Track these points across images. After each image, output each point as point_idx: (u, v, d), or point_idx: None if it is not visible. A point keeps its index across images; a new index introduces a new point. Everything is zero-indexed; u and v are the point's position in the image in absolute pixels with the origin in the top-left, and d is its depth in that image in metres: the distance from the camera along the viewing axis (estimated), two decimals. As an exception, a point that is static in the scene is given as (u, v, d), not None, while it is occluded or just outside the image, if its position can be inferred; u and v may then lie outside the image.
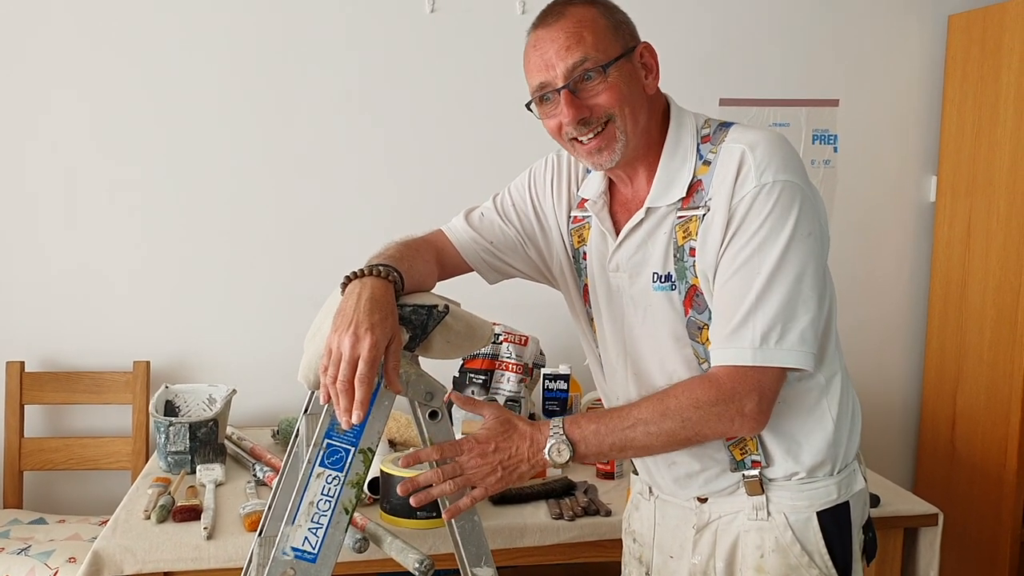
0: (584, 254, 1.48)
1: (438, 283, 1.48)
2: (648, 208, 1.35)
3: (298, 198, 2.71)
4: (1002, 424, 2.70)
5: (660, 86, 1.38)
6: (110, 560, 1.75)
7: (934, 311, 2.99)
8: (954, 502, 2.84)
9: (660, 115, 1.37)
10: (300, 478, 1.23)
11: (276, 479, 1.45)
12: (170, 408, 2.35)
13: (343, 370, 1.18)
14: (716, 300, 1.30)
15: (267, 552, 1.37)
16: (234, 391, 2.34)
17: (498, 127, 2.73)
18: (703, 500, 1.42)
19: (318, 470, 1.22)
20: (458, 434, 2.11)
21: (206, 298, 2.70)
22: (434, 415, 1.31)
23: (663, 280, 1.35)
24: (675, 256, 1.33)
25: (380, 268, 1.28)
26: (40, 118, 2.59)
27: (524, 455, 1.30)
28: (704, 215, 1.30)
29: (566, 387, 2.45)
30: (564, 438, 1.28)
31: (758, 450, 1.35)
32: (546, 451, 1.29)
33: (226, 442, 2.30)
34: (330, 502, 1.22)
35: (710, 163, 1.31)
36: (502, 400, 2.38)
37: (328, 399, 1.21)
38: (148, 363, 2.62)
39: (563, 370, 2.46)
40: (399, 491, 1.30)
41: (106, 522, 1.96)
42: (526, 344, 2.44)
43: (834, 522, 1.37)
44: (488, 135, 2.75)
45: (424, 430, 1.31)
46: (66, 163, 2.61)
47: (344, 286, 1.29)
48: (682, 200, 1.33)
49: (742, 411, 1.26)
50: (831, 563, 1.36)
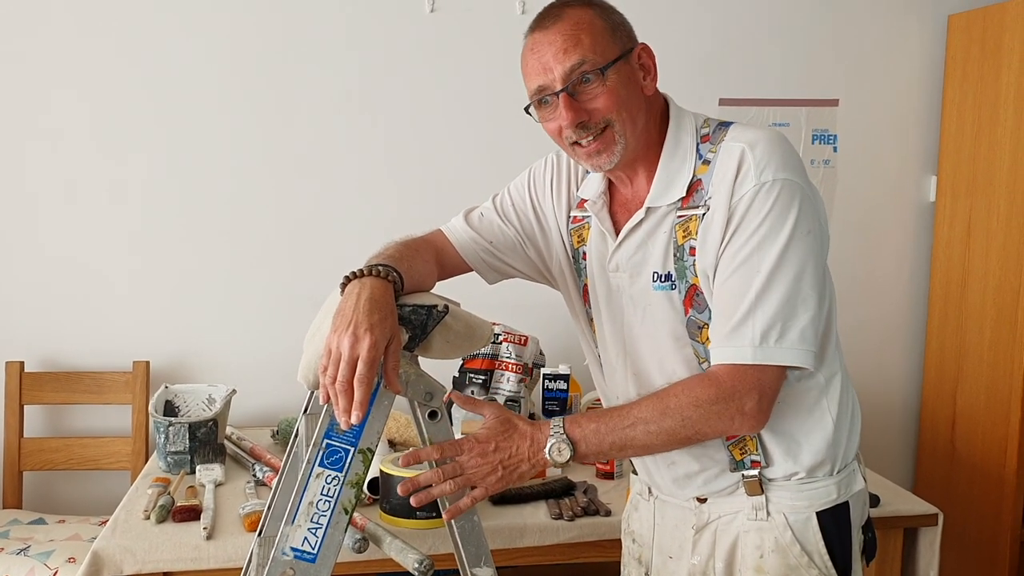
0: (584, 254, 1.47)
1: (437, 283, 1.48)
2: (648, 208, 1.35)
3: (298, 198, 2.71)
4: (1002, 424, 2.70)
5: (659, 86, 1.38)
6: (110, 560, 1.75)
7: (934, 311, 2.99)
8: (954, 502, 2.84)
9: (659, 115, 1.37)
10: (299, 478, 1.22)
11: (275, 479, 1.45)
12: (170, 408, 2.35)
13: (342, 370, 1.18)
14: (716, 298, 1.30)
15: (267, 552, 1.37)
16: (234, 391, 2.34)
17: (498, 127, 2.73)
18: (702, 500, 1.42)
19: (317, 470, 1.22)
20: (458, 434, 2.11)
21: (206, 298, 2.70)
22: (434, 415, 1.31)
23: (663, 280, 1.35)
24: (675, 255, 1.33)
25: (379, 268, 1.28)
26: (40, 118, 2.59)
27: (524, 455, 1.30)
28: (704, 214, 1.30)
29: (566, 387, 2.45)
30: (564, 437, 1.28)
31: (757, 450, 1.35)
32: (546, 450, 1.29)
33: (226, 442, 2.30)
34: (329, 502, 1.22)
35: (710, 162, 1.31)
36: (502, 400, 2.38)
37: (327, 399, 1.21)
38: (148, 363, 2.62)
39: (563, 370, 2.46)
40: (399, 491, 1.30)
41: (106, 522, 1.95)
42: (526, 344, 2.44)
43: (834, 522, 1.37)
44: (488, 135, 2.75)
45: (424, 430, 1.31)
46: (66, 163, 2.61)
47: (343, 286, 1.28)
48: (682, 200, 1.33)
49: (742, 410, 1.26)
50: (831, 563, 1.35)
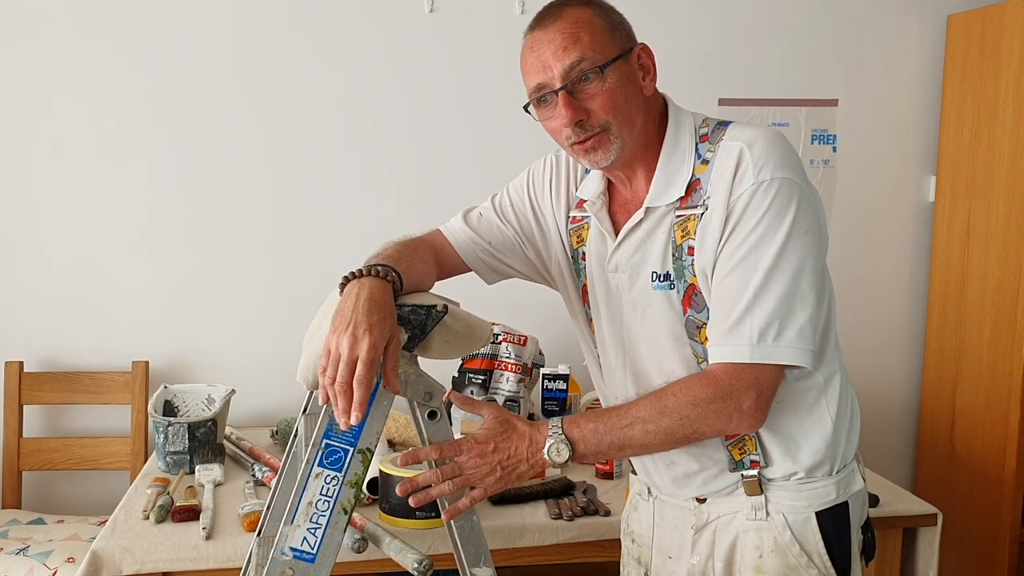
0: (583, 254, 1.47)
1: (436, 283, 1.48)
2: (647, 208, 1.35)
3: (298, 198, 2.71)
4: (1001, 424, 2.70)
5: (659, 86, 1.38)
6: (109, 560, 1.75)
7: (933, 311, 2.99)
8: (953, 502, 2.84)
9: (658, 115, 1.37)
10: (299, 478, 1.22)
11: (275, 479, 1.45)
12: (169, 408, 2.35)
13: (341, 371, 1.18)
14: (714, 297, 1.29)
15: (266, 552, 1.37)
16: (233, 391, 2.34)
17: (498, 127, 2.73)
18: (702, 500, 1.42)
19: (317, 470, 1.22)
20: (457, 434, 2.11)
21: (205, 298, 2.70)
22: (433, 415, 1.31)
23: (662, 279, 1.35)
24: (673, 255, 1.33)
25: (378, 268, 1.28)
26: (40, 118, 2.59)
27: (523, 455, 1.30)
28: (702, 214, 1.30)
29: (565, 387, 2.45)
30: (563, 437, 1.28)
31: (757, 450, 1.35)
32: (545, 451, 1.28)
33: (225, 442, 2.30)
34: (329, 502, 1.22)
35: (708, 162, 1.31)
36: (501, 400, 2.38)
37: (327, 400, 1.21)
38: (147, 363, 2.62)
39: (562, 370, 2.46)
40: (398, 491, 1.30)
41: (105, 522, 1.95)
42: (525, 344, 2.44)
43: (833, 522, 1.37)
44: (488, 135, 2.75)
45: (423, 430, 1.31)
46: (66, 163, 2.61)
47: (342, 286, 1.28)
48: (680, 199, 1.33)
49: (740, 408, 1.26)
50: (830, 563, 1.35)
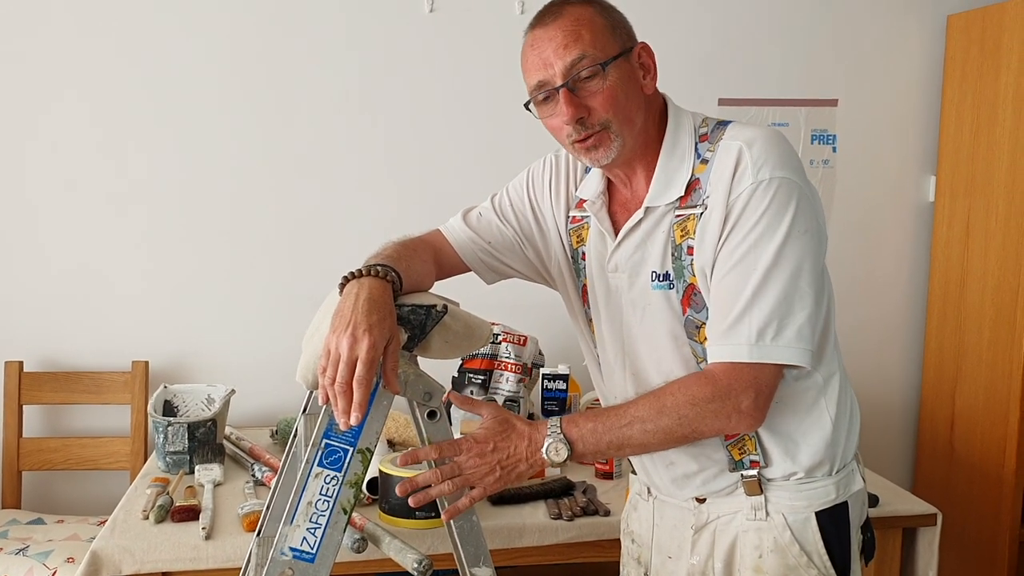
0: (583, 254, 1.47)
1: (436, 283, 1.48)
2: (647, 208, 1.35)
3: (298, 198, 2.71)
4: (1001, 424, 2.70)
5: (659, 86, 1.38)
6: (108, 560, 1.75)
7: (933, 311, 2.99)
8: (953, 502, 2.84)
9: (658, 115, 1.37)
10: (298, 478, 1.22)
11: (274, 479, 1.45)
12: (169, 408, 2.35)
13: (341, 371, 1.18)
14: (713, 296, 1.29)
15: (265, 552, 1.37)
16: (232, 391, 2.34)
17: (498, 127, 2.73)
18: (701, 500, 1.42)
19: (316, 470, 1.22)
20: (456, 434, 2.11)
21: (205, 298, 2.70)
22: (432, 415, 1.31)
23: (661, 279, 1.35)
24: (673, 255, 1.33)
25: (378, 268, 1.28)
26: (40, 118, 2.59)
27: (522, 454, 1.30)
28: (702, 213, 1.30)
29: (565, 387, 2.45)
30: (562, 437, 1.28)
31: (756, 450, 1.35)
32: (544, 450, 1.28)
33: (225, 442, 2.30)
34: (328, 502, 1.22)
35: (708, 161, 1.31)
36: (501, 400, 2.38)
37: (326, 400, 1.21)
38: (147, 363, 2.62)
39: (562, 370, 2.46)
40: (398, 491, 1.30)
41: (104, 522, 1.95)
42: (525, 344, 2.44)
43: (832, 522, 1.37)
44: (488, 135, 2.75)
45: (422, 430, 1.31)
46: (66, 163, 2.61)
47: (342, 286, 1.28)
48: (680, 199, 1.33)
49: (739, 408, 1.26)
50: (829, 563, 1.35)
